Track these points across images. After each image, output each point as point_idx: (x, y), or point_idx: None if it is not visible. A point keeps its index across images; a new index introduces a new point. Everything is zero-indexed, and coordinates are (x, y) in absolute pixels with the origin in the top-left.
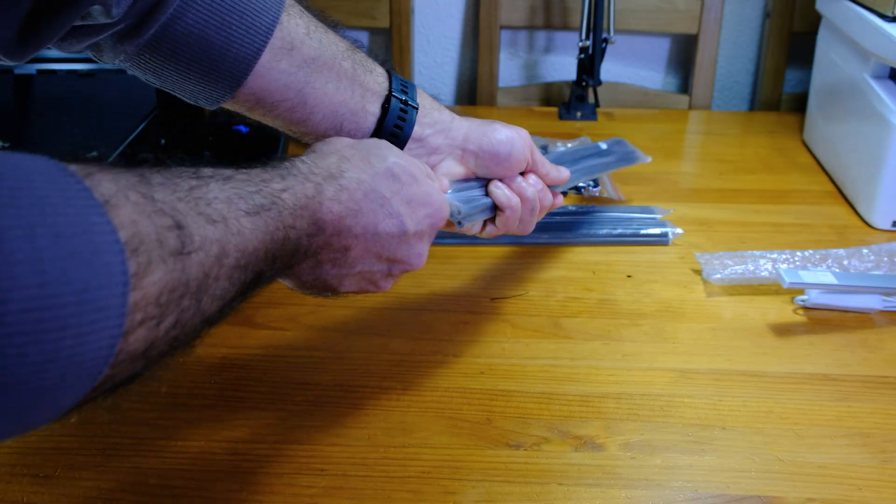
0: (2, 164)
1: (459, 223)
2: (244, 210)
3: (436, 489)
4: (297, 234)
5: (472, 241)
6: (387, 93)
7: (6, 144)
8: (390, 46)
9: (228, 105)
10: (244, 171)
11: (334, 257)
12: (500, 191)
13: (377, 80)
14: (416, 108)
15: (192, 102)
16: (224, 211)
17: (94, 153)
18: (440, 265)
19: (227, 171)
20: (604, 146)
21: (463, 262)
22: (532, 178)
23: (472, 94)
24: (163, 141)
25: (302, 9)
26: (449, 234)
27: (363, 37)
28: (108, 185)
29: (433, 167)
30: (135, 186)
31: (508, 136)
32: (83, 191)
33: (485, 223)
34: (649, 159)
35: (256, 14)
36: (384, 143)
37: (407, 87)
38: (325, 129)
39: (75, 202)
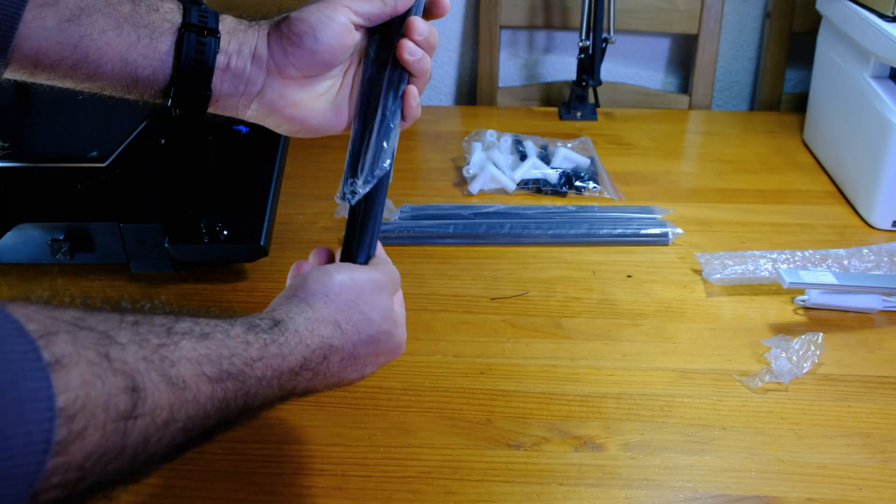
0: None
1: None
2: (209, 375)
3: (436, 489)
4: (266, 398)
5: (472, 240)
6: (179, 28)
7: (6, 144)
8: None
9: (10, 74)
10: (228, 326)
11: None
12: (407, 54)
13: (165, 16)
14: (217, 37)
15: None
16: (187, 374)
17: (94, 153)
18: (440, 265)
19: (208, 327)
20: None
21: (463, 262)
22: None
23: (472, 94)
24: (162, 141)
25: None
26: (449, 235)
27: None
28: (64, 345)
29: (256, 95)
30: (95, 344)
31: (300, 17)
32: (29, 353)
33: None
34: None
35: None
36: (373, 301)
37: (206, 16)
38: (120, 80)
39: (15, 366)
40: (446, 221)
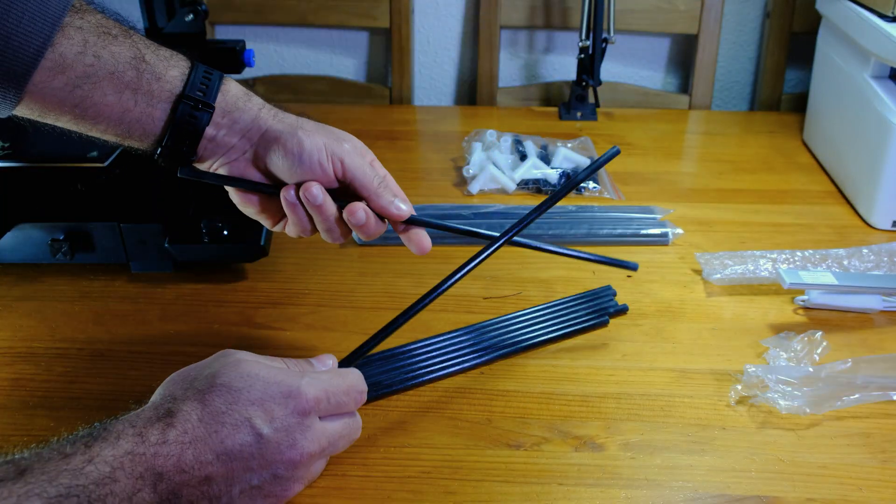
0: None
1: None
2: None
3: (436, 489)
4: (123, 497)
5: (472, 241)
6: (178, 96)
7: (6, 144)
8: (390, 46)
9: (20, 112)
10: (48, 449)
11: (200, 491)
12: (288, 193)
13: (165, 86)
14: (211, 112)
15: None
16: None
17: (94, 153)
18: (440, 265)
19: (25, 461)
20: None
21: (463, 262)
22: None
23: (472, 94)
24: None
25: (84, 20)
26: (449, 235)
27: (363, 37)
28: None
29: (225, 164)
30: None
31: (299, 140)
32: None
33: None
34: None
35: (24, 37)
36: (214, 363)
37: (209, 84)
38: (115, 134)
39: None
40: (446, 221)
